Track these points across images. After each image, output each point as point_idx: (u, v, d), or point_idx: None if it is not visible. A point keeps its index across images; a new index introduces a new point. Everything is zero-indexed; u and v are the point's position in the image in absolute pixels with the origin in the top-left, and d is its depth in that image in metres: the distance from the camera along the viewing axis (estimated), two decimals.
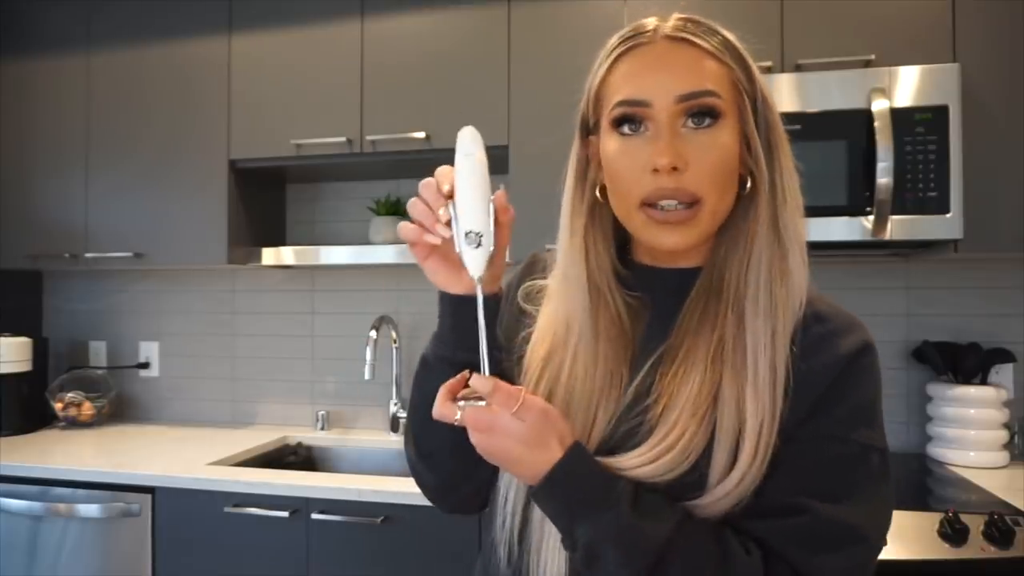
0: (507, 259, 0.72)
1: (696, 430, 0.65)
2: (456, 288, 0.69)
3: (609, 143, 0.69)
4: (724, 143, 0.66)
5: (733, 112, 0.67)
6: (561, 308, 0.73)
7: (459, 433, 0.67)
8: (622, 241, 0.77)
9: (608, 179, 0.70)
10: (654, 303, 0.73)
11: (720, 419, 0.65)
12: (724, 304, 0.68)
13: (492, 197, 0.66)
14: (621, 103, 0.67)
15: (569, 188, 0.74)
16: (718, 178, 0.66)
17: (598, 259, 0.73)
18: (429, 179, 0.66)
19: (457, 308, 0.69)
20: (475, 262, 0.65)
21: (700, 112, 0.65)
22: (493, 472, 0.75)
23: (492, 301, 0.69)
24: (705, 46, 0.67)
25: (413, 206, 0.66)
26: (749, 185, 0.69)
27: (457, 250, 0.65)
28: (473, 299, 0.66)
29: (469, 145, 0.66)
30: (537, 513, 0.68)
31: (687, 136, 0.66)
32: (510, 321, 0.79)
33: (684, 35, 0.67)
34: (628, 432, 0.68)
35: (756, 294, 0.67)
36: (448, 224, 0.64)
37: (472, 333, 0.66)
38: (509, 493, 0.71)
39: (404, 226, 0.67)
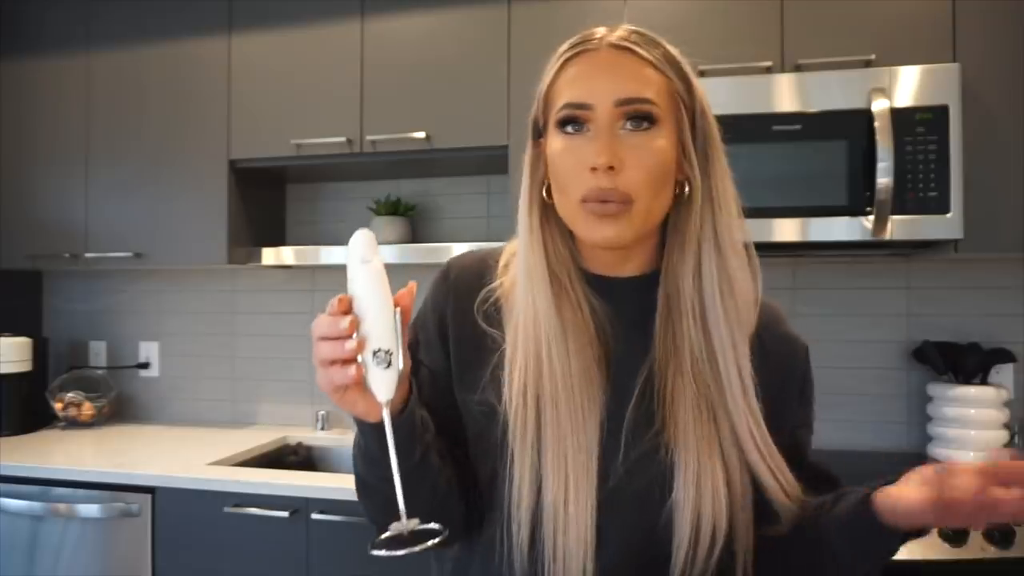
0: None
1: (720, 469, 0.71)
2: (374, 416, 0.65)
3: (554, 142, 0.72)
4: (659, 147, 0.69)
5: (670, 120, 0.71)
6: (528, 304, 0.74)
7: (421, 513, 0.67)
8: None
9: (552, 176, 0.73)
10: (618, 313, 0.75)
11: (723, 443, 0.71)
12: (686, 315, 0.73)
13: (397, 308, 0.60)
14: (566, 105, 0.71)
15: (524, 188, 0.77)
16: (652, 179, 0.69)
17: (556, 252, 0.76)
18: (322, 316, 0.61)
19: (383, 432, 0.64)
20: (386, 384, 0.60)
21: (637, 116, 0.69)
22: (463, 518, 0.77)
23: (407, 414, 0.67)
24: (646, 56, 0.70)
25: (318, 347, 0.61)
26: (688, 190, 0.73)
27: (364, 372, 0.60)
28: (397, 421, 0.63)
29: (365, 251, 0.60)
30: (549, 509, 0.69)
31: (624, 138, 0.69)
32: (462, 350, 0.78)
33: (627, 44, 0.71)
34: (643, 457, 0.72)
35: (713, 306, 0.72)
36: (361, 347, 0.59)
37: (404, 445, 0.65)
38: (522, 490, 0.71)
39: (320, 378, 0.62)
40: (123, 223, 2.20)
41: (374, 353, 0.60)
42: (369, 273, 0.60)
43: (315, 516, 1.65)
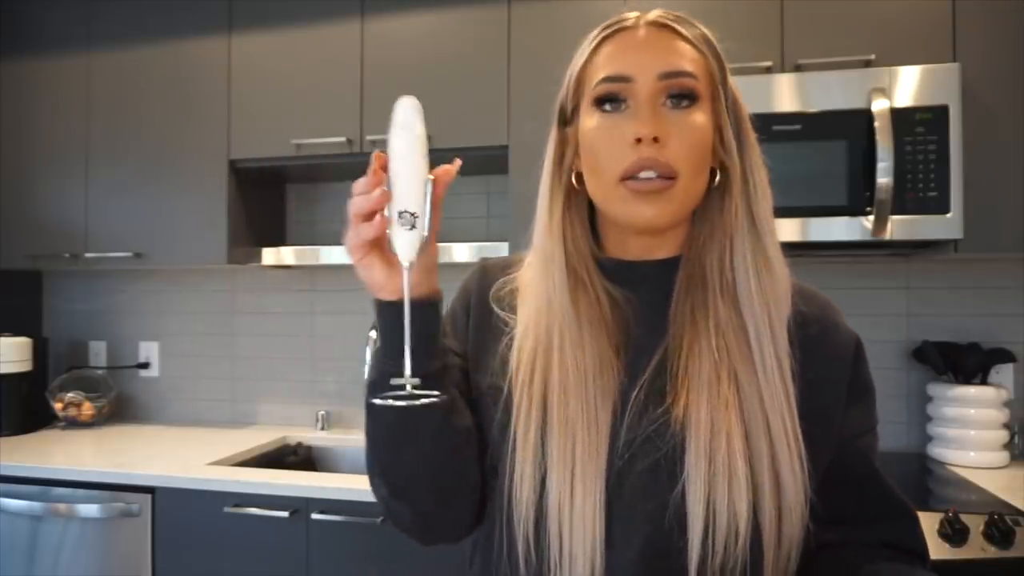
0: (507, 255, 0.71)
1: (740, 449, 0.64)
2: (391, 291, 0.65)
3: (590, 121, 0.70)
4: (701, 124, 0.67)
5: (708, 99, 0.69)
6: (541, 292, 0.72)
7: (433, 458, 0.68)
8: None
9: (586, 158, 0.71)
10: (638, 297, 0.72)
11: (749, 424, 0.65)
12: (712, 293, 0.69)
13: (430, 177, 0.62)
14: (604, 80, 0.68)
15: (547, 173, 0.75)
16: (694, 156, 0.67)
17: (575, 242, 0.73)
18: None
19: (400, 317, 0.63)
20: (407, 245, 0.61)
21: (679, 93, 0.67)
22: (477, 500, 0.74)
23: (429, 303, 0.66)
24: (685, 34, 0.69)
25: (352, 202, 0.62)
26: (719, 176, 0.70)
27: (388, 230, 0.61)
28: (419, 304, 0.63)
29: (408, 117, 0.62)
30: (554, 502, 0.66)
31: (666, 114, 0.67)
32: (478, 334, 0.77)
33: (666, 22, 0.70)
34: (653, 434, 0.67)
35: (746, 282, 0.68)
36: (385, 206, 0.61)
37: (422, 340, 0.64)
38: (522, 486, 0.68)
39: (348, 237, 0.63)
40: (123, 223, 2.19)
41: (399, 213, 0.61)
42: (408, 138, 0.61)
43: (315, 516, 1.65)
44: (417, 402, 0.61)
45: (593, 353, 0.69)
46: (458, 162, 0.65)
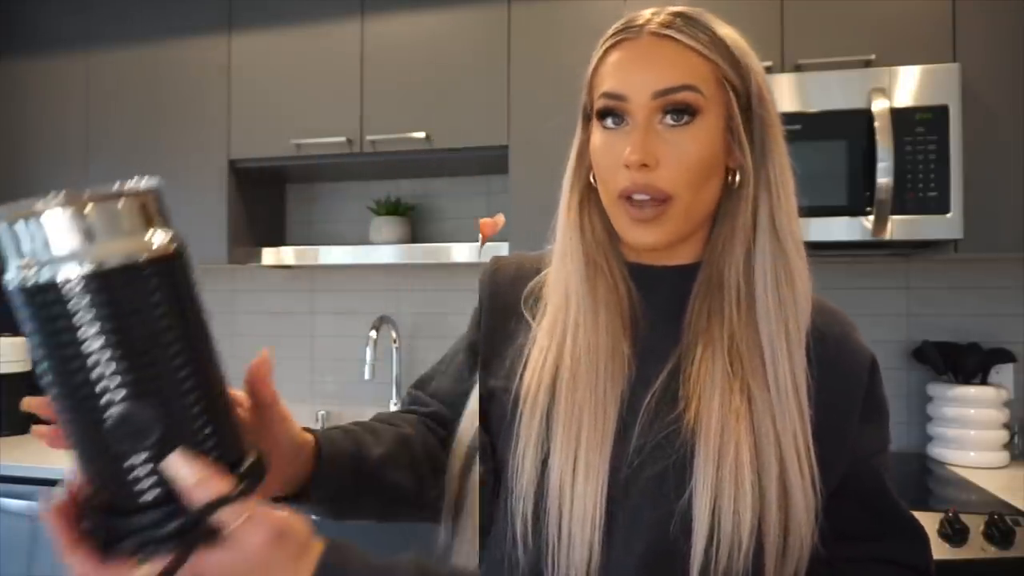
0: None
1: (747, 459, 0.64)
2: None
3: (595, 134, 0.70)
4: (701, 140, 0.66)
5: (716, 108, 0.67)
6: (560, 280, 0.73)
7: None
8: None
9: (594, 169, 0.71)
10: (655, 301, 0.72)
11: (759, 437, 0.64)
12: (728, 301, 0.68)
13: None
14: (603, 96, 0.68)
15: (569, 169, 0.75)
16: (692, 176, 0.66)
17: (594, 234, 0.73)
18: None
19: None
20: None
21: (677, 109, 0.65)
22: (435, 489, 0.79)
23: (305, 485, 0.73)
24: (688, 42, 0.66)
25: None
26: (739, 179, 0.69)
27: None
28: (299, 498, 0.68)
29: None
30: (555, 485, 0.66)
31: (663, 133, 0.66)
32: (493, 336, 0.77)
33: (668, 32, 0.67)
34: (664, 440, 0.66)
35: (764, 293, 0.67)
36: None
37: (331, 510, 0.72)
38: (524, 464, 0.68)
39: None
40: None
41: None
42: None
43: (315, 516, 1.65)
44: None
45: (606, 336, 0.69)
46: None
